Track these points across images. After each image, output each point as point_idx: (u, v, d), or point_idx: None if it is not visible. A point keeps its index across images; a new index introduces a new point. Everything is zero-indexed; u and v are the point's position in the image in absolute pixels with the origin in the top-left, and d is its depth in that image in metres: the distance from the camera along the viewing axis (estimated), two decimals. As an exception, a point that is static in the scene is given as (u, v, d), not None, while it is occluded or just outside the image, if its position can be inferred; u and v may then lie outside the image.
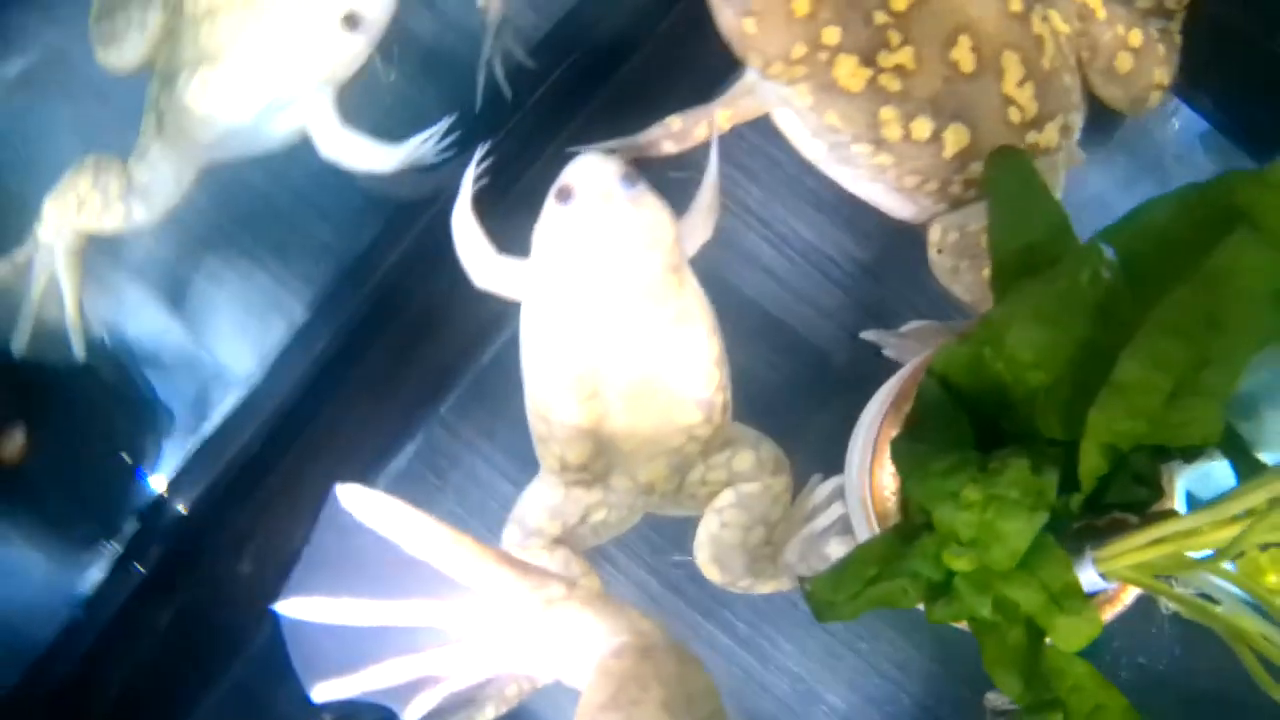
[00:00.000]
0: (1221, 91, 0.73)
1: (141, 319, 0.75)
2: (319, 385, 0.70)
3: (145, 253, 0.75)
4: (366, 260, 0.70)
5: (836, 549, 0.64)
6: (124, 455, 0.73)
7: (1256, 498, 0.46)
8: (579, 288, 0.58)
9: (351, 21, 0.61)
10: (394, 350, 0.71)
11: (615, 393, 0.59)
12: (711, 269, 0.69)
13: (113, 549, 0.72)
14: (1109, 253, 0.49)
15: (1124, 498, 0.51)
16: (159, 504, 0.72)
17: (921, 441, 0.53)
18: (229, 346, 0.75)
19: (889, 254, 0.72)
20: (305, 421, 0.71)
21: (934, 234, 0.66)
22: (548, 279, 0.59)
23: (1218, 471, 0.56)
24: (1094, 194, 0.72)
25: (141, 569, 0.72)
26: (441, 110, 0.69)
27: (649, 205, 0.58)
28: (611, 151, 0.67)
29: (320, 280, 0.72)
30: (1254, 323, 0.45)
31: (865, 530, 0.59)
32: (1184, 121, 0.73)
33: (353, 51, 0.62)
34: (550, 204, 0.58)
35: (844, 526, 0.65)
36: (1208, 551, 0.47)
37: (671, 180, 0.67)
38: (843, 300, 0.72)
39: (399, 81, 0.73)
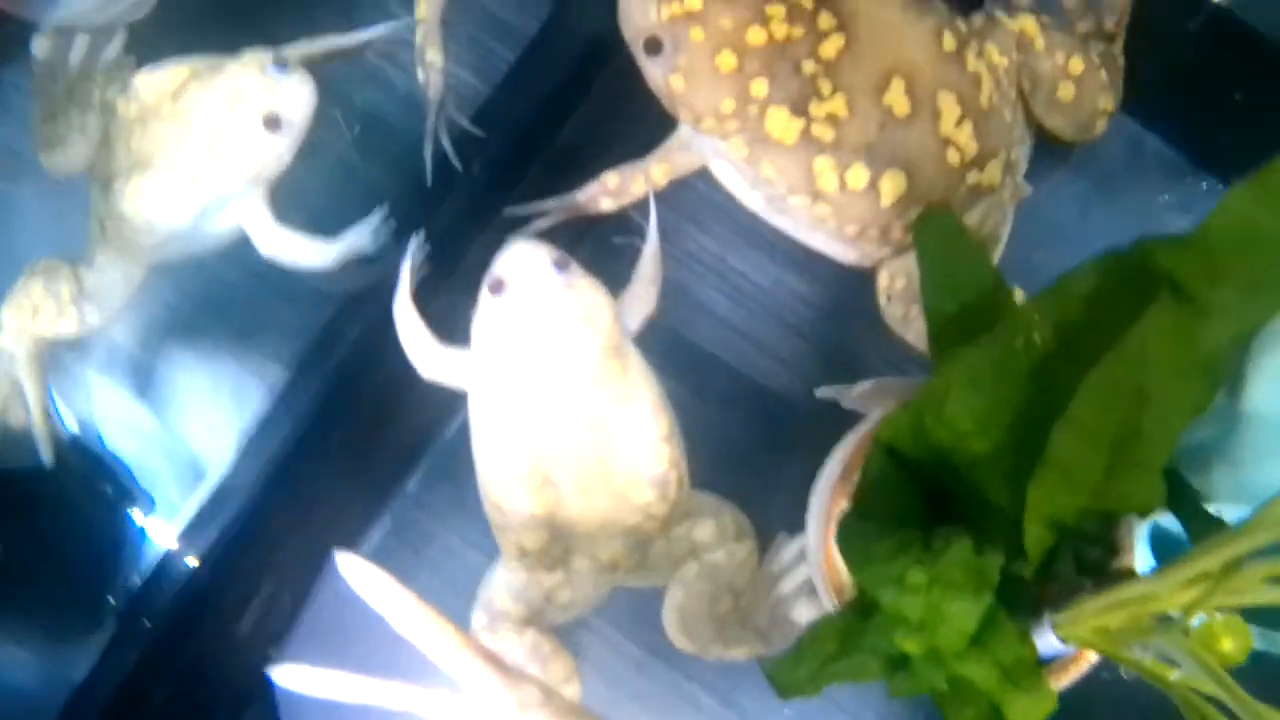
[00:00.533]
0: (1167, 106, 0.72)
1: (111, 411, 0.75)
2: (290, 466, 0.69)
3: (108, 346, 0.75)
4: (325, 342, 0.70)
5: (805, 612, 0.64)
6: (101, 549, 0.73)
7: (1211, 561, 0.45)
8: (520, 377, 0.58)
9: (273, 123, 0.61)
10: (358, 430, 0.71)
11: (567, 479, 0.59)
12: (666, 323, 0.69)
13: (100, 637, 0.73)
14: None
15: (1077, 563, 0.50)
16: (145, 591, 0.73)
17: (869, 518, 0.52)
18: (201, 432, 0.75)
19: (847, 297, 0.71)
20: (280, 503, 0.71)
21: (881, 280, 0.66)
22: (489, 370, 0.59)
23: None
24: (1047, 223, 0.71)
25: (133, 647, 0.72)
26: (391, 184, 0.69)
27: (583, 290, 0.58)
28: (546, 214, 0.67)
29: (284, 360, 0.72)
30: (1182, 393, 0.44)
31: (827, 598, 0.58)
32: (1130, 138, 0.72)
33: (276, 151, 0.62)
34: (484, 295, 0.58)
35: (811, 588, 0.64)
36: (1172, 612, 0.46)
37: (614, 246, 0.67)
38: (803, 348, 0.72)
39: (345, 157, 0.73)
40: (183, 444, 0.75)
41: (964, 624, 0.48)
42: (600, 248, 0.67)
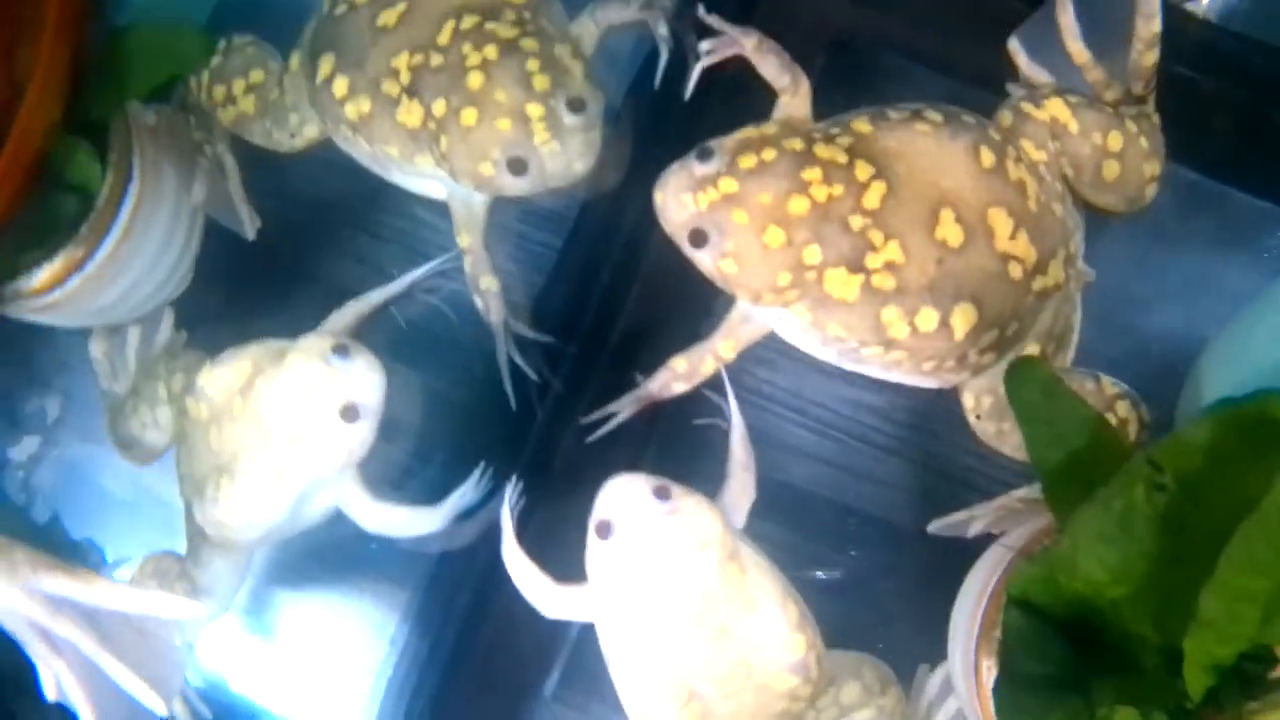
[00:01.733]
0: (1210, 145, 0.71)
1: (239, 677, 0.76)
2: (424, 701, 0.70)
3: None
4: (439, 594, 0.71)
5: (962, 742, 0.64)
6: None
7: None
8: (645, 608, 0.58)
9: (350, 413, 0.61)
10: (487, 648, 0.71)
11: (710, 688, 0.59)
12: (759, 474, 0.69)
13: None
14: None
15: (1243, 690, 0.50)
16: None
17: (1019, 680, 0.52)
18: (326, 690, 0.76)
19: (930, 408, 0.71)
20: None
21: (968, 401, 0.65)
22: (613, 606, 0.59)
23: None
24: (1115, 293, 0.70)
25: None
26: (475, 402, 0.69)
27: (689, 513, 0.58)
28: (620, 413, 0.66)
29: (401, 610, 0.73)
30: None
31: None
32: (1168, 182, 0.71)
33: (358, 438, 0.62)
34: (592, 538, 0.58)
35: (961, 715, 0.64)
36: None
37: (694, 429, 0.67)
38: (899, 465, 0.72)
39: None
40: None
41: (1145, 789, 0.48)
42: (679, 430, 0.67)
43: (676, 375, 0.66)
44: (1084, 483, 0.52)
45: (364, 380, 0.61)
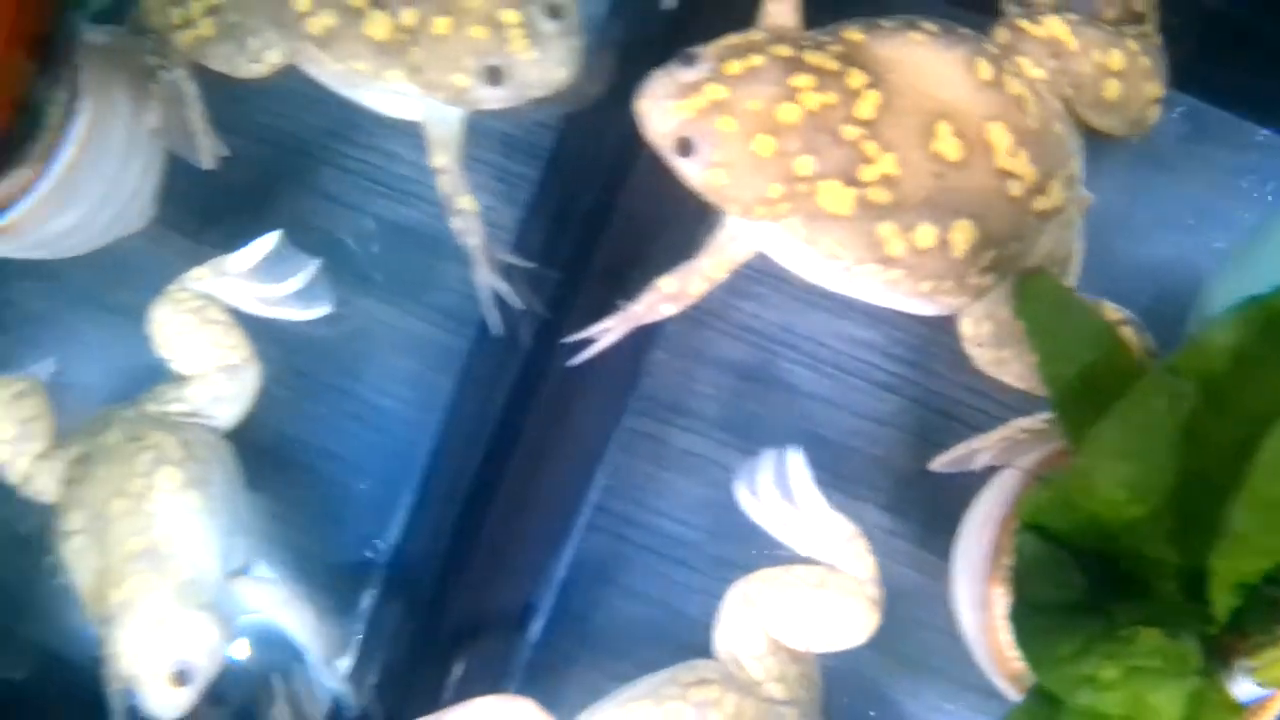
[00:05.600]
0: (1207, 68, 0.68)
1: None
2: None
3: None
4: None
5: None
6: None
7: None
8: None
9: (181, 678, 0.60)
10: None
11: None
12: (751, 410, 0.66)
13: None
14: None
15: (1270, 613, 0.47)
16: None
17: (1034, 605, 0.50)
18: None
19: (925, 342, 0.68)
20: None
21: (965, 328, 0.62)
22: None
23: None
24: (1117, 219, 0.68)
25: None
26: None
27: None
28: (608, 333, 0.63)
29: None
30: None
31: (999, 685, 0.55)
32: (1172, 108, 0.68)
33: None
34: None
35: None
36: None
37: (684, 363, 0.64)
38: (896, 402, 0.69)
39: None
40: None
41: (1171, 710, 0.45)
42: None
43: (664, 296, 0.63)
44: (1097, 399, 0.49)
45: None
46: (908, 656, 0.68)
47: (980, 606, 0.55)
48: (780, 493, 0.61)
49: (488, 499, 0.69)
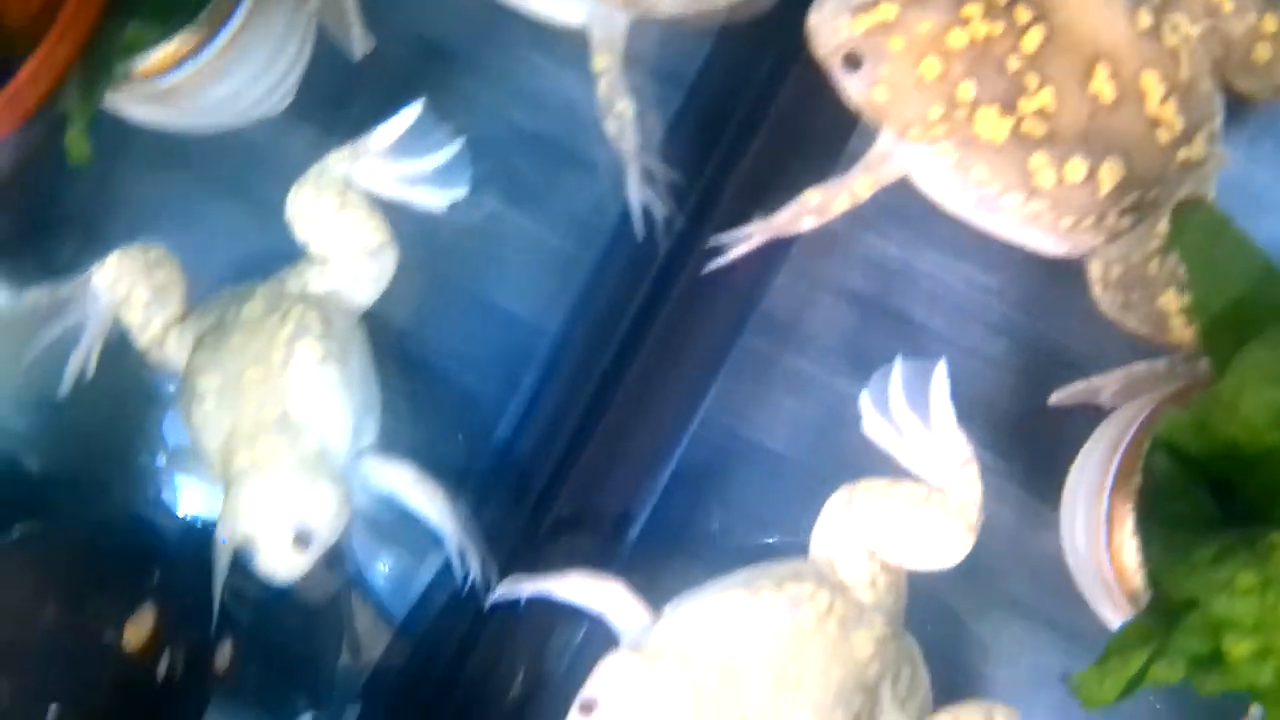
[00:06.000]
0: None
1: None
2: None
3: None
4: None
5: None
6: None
7: None
8: None
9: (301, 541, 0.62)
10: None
11: None
12: (863, 339, 0.68)
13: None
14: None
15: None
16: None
17: (1166, 524, 0.51)
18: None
19: (1042, 288, 0.70)
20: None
21: (1095, 271, 0.64)
22: None
23: None
24: (1247, 189, 0.69)
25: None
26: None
27: None
28: (749, 239, 0.65)
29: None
30: None
31: (1117, 604, 0.57)
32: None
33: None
34: (574, 714, 0.57)
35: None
36: None
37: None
38: (1008, 345, 0.70)
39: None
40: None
41: (1303, 622, 0.46)
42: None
43: (808, 208, 0.64)
44: (1248, 328, 0.51)
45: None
46: (996, 594, 0.69)
47: (1098, 529, 0.56)
48: (909, 403, 0.62)
49: (603, 405, 0.70)
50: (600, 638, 0.59)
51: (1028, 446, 0.69)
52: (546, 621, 0.67)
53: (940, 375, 0.61)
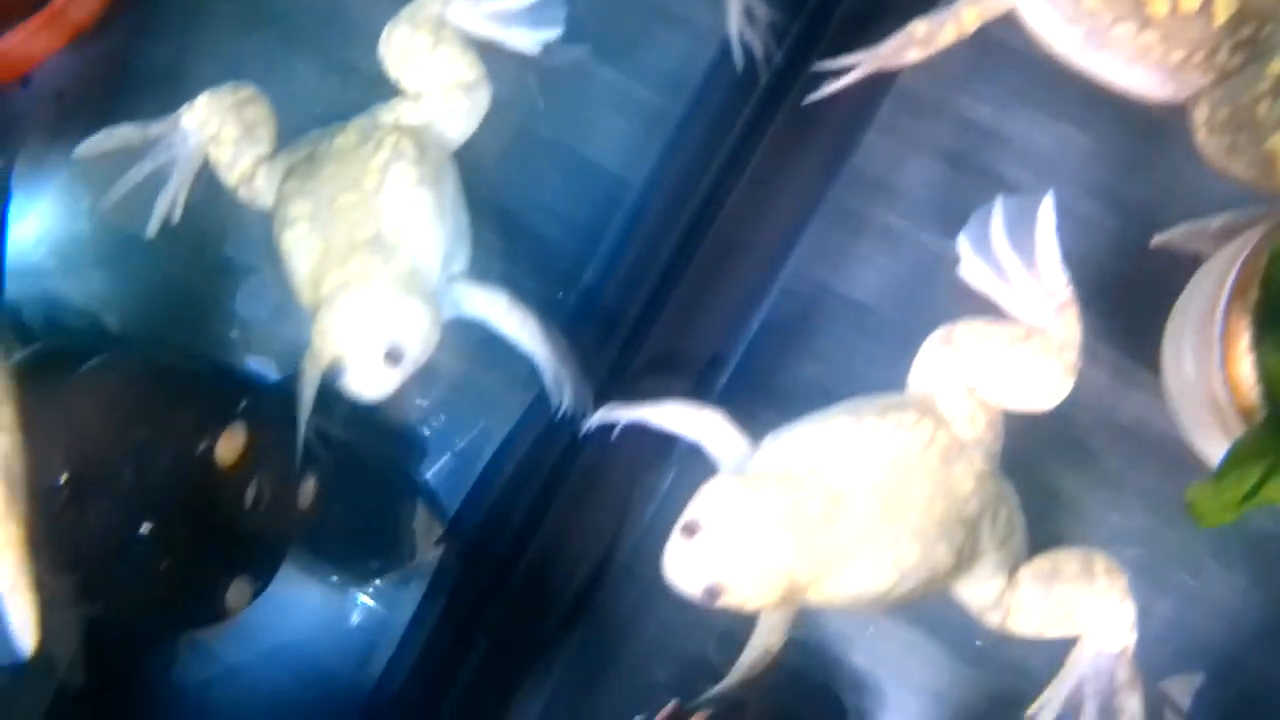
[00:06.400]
0: None
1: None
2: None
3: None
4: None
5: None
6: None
7: None
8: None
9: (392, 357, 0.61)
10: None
11: None
12: (956, 206, 0.67)
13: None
14: None
15: None
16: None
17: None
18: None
19: (1139, 148, 0.69)
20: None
21: (1200, 114, 0.63)
22: None
23: None
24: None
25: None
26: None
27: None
28: (855, 68, 0.65)
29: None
30: None
31: (1215, 436, 0.56)
32: None
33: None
34: (676, 537, 0.56)
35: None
36: None
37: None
38: (1100, 207, 0.69)
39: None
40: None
41: None
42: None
43: (914, 40, 0.64)
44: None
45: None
46: (1084, 452, 0.68)
47: (1210, 349, 0.55)
48: (1010, 242, 0.62)
49: (690, 253, 0.70)
50: (687, 484, 0.58)
51: (1120, 306, 0.68)
52: (636, 462, 0.67)
53: (1047, 209, 0.60)
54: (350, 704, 0.70)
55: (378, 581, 0.71)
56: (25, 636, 0.51)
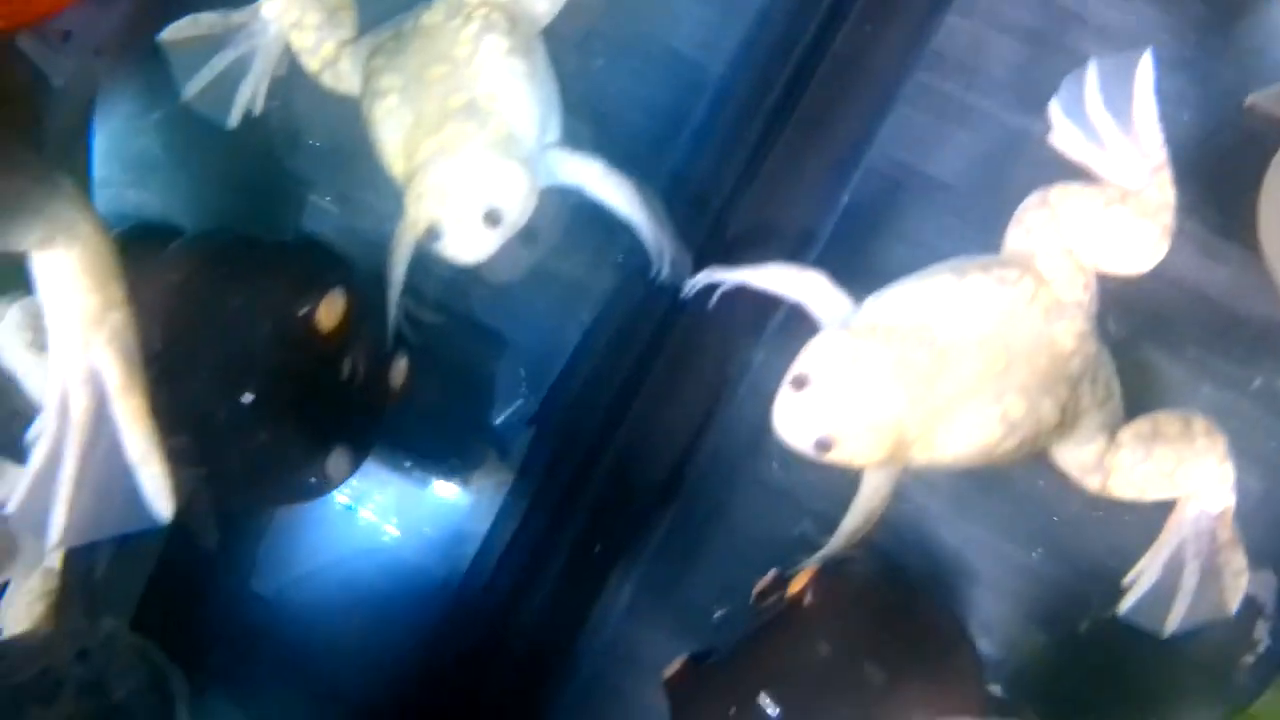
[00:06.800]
0: None
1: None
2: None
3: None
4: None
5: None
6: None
7: None
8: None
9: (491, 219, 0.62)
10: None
11: None
12: (1039, 85, 0.67)
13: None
14: None
15: None
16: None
17: None
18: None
19: (1217, 25, 0.70)
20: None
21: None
22: None
23: None
24: None
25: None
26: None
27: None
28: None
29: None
30: None
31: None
32: None
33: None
34: (786, 390, 0.57)
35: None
36: None
37: None
38: (1185, 83, 0.70)
39: None
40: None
41: None
42: None
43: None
44: None
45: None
46: (1174, 324, 0.68)
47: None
48: (1104, 103, 0.62)
49: (776, 135, 0.70)
50: (778, 363, 0.58)
51: (1204, 182, 0.68)
52: (732, 334, 0.67)
53: (1146, 65, 0.60)
54: (441, 594, 0.69)
55: (467, 469, 0.71)
56: (162, 503, 0.50)
